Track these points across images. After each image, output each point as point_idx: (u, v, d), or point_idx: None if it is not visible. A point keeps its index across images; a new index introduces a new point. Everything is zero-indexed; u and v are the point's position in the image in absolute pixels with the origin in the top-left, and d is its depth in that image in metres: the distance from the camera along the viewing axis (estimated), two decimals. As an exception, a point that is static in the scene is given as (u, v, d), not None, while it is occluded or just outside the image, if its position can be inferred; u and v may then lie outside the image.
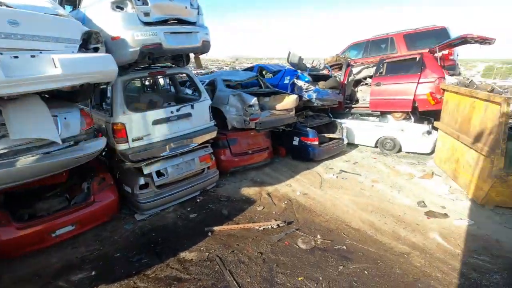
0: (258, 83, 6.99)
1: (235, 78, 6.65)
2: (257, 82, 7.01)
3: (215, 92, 6.10)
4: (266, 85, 6.82)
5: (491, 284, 3.22)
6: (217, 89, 6.12)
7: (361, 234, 4.15)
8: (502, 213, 4.66)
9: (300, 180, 5.97)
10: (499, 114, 4.39)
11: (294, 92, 6.70)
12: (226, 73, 8.71)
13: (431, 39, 7.78)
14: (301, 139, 6.70)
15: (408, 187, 5.66)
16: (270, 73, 7.70)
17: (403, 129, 7.19)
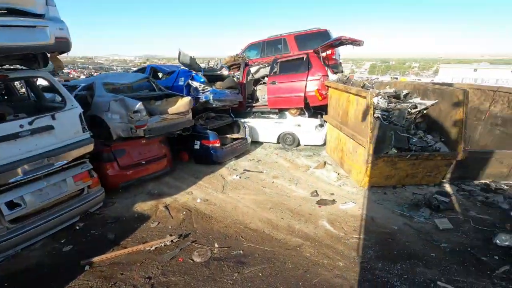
0: (150, 85, 6.39)
1: (120, 81, 5.89)
2: (149, 85, 6.39)
3: (93, 98, 5.25)
4: (158, 88, 6.28)
5: (366, 260, 3.58)
6: (95, 95, 5.27)
7: (259, 234, 4.13)
8: (376, 191, 5.36)
9: (202, 186, 5.70)
10: (366, 106, 5.00)
11: (190, 94, 6.37)
12: (110, 75, 7.73)
13: (317, 40, 8.53)
14: (202, 143, 6.43)
15: (304, 179, 6.03)
16: (164, 74, 7.18)
17: (300, 124, 7.70)
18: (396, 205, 4.90)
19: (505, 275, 3.29)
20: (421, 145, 5.18)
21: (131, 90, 6.26)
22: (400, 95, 6.07)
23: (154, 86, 6.32)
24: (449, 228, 4.21)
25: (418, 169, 5.27)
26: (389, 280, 3.25)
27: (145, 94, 5.82)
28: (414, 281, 3.23)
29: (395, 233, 4.13)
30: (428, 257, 3.63)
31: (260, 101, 8.39)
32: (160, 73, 7.64)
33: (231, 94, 7.09)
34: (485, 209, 4.75)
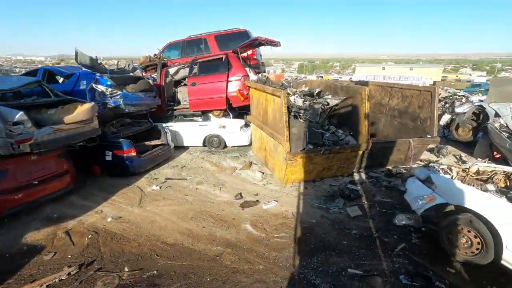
0: (42, 90, 5.42)
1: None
2: (41, 90, 5.42)
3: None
4: (54, 93, 5.37)
5: (285, 259, 3.60)
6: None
7: (177, 249, 3.82)
8: (298, 187, 5.54)
9: (115, 202, 5.08)
10: (281, 105, 5.10)
11: (95, 99, 5.62)
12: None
13: (238, 40, 8.49)
14: (114, 153, 5.76)
15: (229, 181, 5.90)
16: (62, 77, 6.20)
17: (225, 125, 7.55)
18: (315, 198, 5.13)
19: (402, 252, 3.68)
20: (333, 140, 5.54)
21: (18, 97, 5.23)
22: (313, 93, 6.41)
23: (48, 91, 5.38)
24: (359, 215, 4.56)
25: (333, 162, 5.62)
26: (305, 276, 3.31)
27: (32, 101, 4.88)
28: (328, 272, 3.36)
29: (313, 226, 4.29)
30: (341, 246, 3.84)
31: (182, 103, 7.97)
32: (59, 76, 6.58)
33: (147, 97, 6.53)
34: (388, 193, 5.32)
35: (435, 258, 3.54)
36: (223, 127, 7.54)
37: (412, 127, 6.58)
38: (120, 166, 5.80)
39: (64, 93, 5.55)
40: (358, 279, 3.25)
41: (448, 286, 3.12)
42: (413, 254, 3.62)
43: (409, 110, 6.67)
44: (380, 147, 6.06)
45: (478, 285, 3.13)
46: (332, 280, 3.23)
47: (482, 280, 3.19)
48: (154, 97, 6.86)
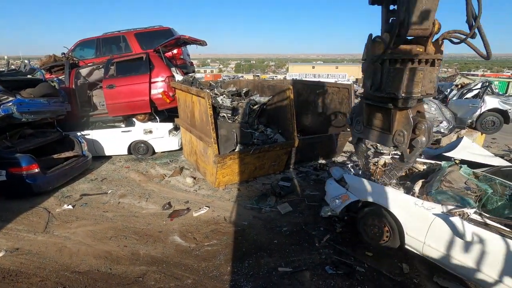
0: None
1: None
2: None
3: None
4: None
5: (215, 268, 3.43)
6: None
7: (91, 277, 3.32)
8: (230, 189, 5.43)
9: (11, 230, 4.22)
10: (207, 106, 4.89)
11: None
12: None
13: (161, 39, 7.96)
14: (9, 171, 4.80)
15: (157, 191, 5.47)
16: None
17: (151, 130, 7.01)
18: (248, 199, 5.08)
19: (328, 243, 3.85)
20: (262, 139, 5.56)
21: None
22: (241, 93, 6.36)
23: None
24: (289, 211, 4.65)
25: (264, 160, 5.66)
26: (236, 283, 3.20)
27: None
28: (259, 275, 3.30)
29: (245, 229, 4.22)
30: (272, 245, 3.84)
31: (99, 108, 7.12)
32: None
33: (51, 103, 5.60)
34: (316, 186, 5.58)
35: (356, 244, 3.79)
36: (150, 132, 6.98)
37: (335, 122, 7.05)
38: (20, 187, 4.87)
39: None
40: (288, 276, 3.27)
41: (367, 269, 3.36)
42: (337, 243, 3.82)
43: (331, 106, 7.14)
44: (307, 143, 6.33)
45: (391, 264, 3.44)
46: (262, 283, 3.18)
47: (394, 259, 3.52)
48: (61, 102, 5.93)
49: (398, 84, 2.79)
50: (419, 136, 3.02)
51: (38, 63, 7.18)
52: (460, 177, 3.49)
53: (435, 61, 2.75)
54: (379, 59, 2.88)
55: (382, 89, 2.95)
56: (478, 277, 2.73)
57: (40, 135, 5.86)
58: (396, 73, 2.80)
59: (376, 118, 3.40)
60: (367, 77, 3.18)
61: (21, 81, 5.45)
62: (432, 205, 3.09)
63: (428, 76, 2.77)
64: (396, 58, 2.76)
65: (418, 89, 2.74)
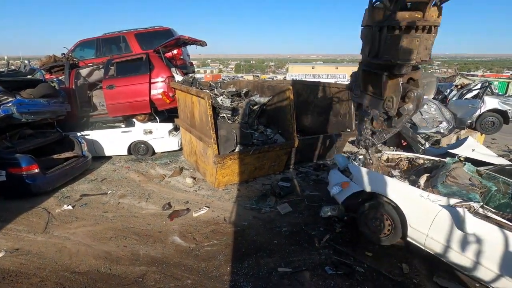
0: None
1: None
2: None
3: None
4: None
5: (215, 268, 3.43)
6: None
7: (90, 277, 3.32)
8: (230, 190, 5.43)
9: (11, 231, 4.22)
10: (206, 106, 4.90)
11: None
12: None
13: (161, 39, 7.96)
14: (9, 171, 4.80)
15: (157, 191, 5.47)
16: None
17: (151, 130, 7.01)
18: (247, 199, 5.08)
19: (327, 243, 3.85)
20: (262, 139, 5.57)
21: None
22: (241, 93, 6.37)
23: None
24: (289, 212, 4.65)
25: (264, 161, 5.66)
26: (236, 283, 3.20)
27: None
28: (259, 275, 3.30)
29: (245, 229, 4.22)
30: (272, 246, 3.84)
31: (99, 109, 7.13)
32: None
33: (51, 104, 5.60)
34: (316, 186, 5.58)
35: (355, 245, 3.79)
36: (150, 132, 6.98)
37: (334, 122, 7.06)
38: (19, 187, 4.87)
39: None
40: (288, 277, 3.27)
41: (366, 269, 3.36)
42: (337, 243, 3.82)
43: (331, 107, 7.14)
44: (307, 143, 6.33)
45: (391, 264, 3.44)
46: (262, 283, 3.18)
47: (394, 258, 3.52)
48: (61, 102, 5.94)
49: (394, 51, 2.81)
50: (407, 104, 3.04)
51: (38, 63, 7.19)
52: (464, 173, 3.50)
53: (432, 28, 2.72)
54: (378, 26, 2.87)
55: (380, 56, 2.97)
56: (480, 271, 2.74)
57: (40, 135, 5.86)
58: (393, 40, 2.80)
59: (371, 84, 3.43)
60: (365, 44, 3.18)
61: (21, 81, 5.46)
62: (438, 197, 3.09)
63: (424, 43, 2.76)
64: (394, 25, 2.73)
65: (413, 56, 2.76)
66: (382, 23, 2.82)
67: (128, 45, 8.11)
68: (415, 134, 7.05)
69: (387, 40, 2.83)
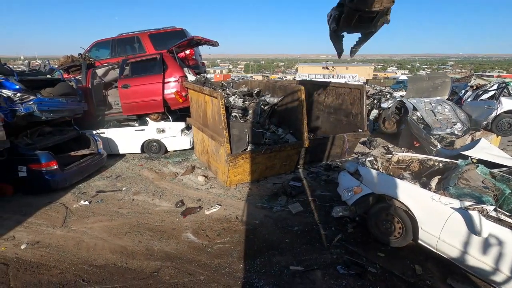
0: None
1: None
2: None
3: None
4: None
5: (228, 265, 3.49)
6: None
7: (107, 271, 3.43)
8: (242, 188, 5.49)
9: (32, 224, 4.39)
10: (219, 106, 4.97)
11: (0, 106, 4.77)
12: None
13: (174, 39, 8.09)
14: (30, 167, 4.99)
15: (170, 189, 5.58)
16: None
17: (164, 129, 7.14)
18: (259, 198, 5.12)
19: (339, 243, 3.85)
20: (273, 139, 5.60)
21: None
22: (253, 93, 6.42)
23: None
24: (300, 211, 4.68)
25: (275, 160, 5.69)
26: (248, 280, 3.25)
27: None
28: (271, 273, 3.34)
29: (257, 227, 4.26)
30: (283, 244, 3.87)
31: (114, 108, 7.31)
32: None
33: (69, 102, 5.78)
34: (327, 186, 5.58)
35: (367, 245, 3.79)
36: (163, 131, 7.12)
37: (346, 122, 7.03)
38: (39, 182, 5.05)
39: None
40: (300, 275, 3.30)
41: (379, 269, 3.36)
42: (349, 243, 3.82)
43: (342, 107, 7.12)
44: (318, 143, 6.34)
45: (404, 265, 3.43)
46: (274, 281, 3.22)
47: (406, 260, 3.50)
48: (79, 101, 6.12)
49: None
50: None
51: (57, 63, 7.42)
52: (477, 175, 3.46)
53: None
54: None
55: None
56: (494, 275, 2.70)
57: (58, 133, 6.06)
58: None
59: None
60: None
61: (41, 80, 5.66)
62: (449, 200, 3.07)
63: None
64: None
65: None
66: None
67: (142, 46, 8.28)
68: (428, 135, 6.95)
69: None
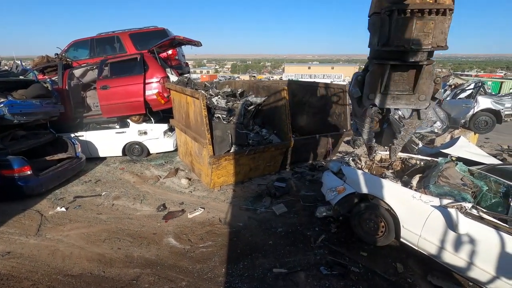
0: None
1: None
2: None
3: None
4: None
5: (210, 269, 3.41)
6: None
7: (83, 280, 3.29)
8: (226, 190, 5.41)
9: (3, 234, 4.16)
10: (201, 107, 4.87)
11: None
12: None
13: (156, 39, 7.90)
14: (1, 173, 4.74)
15: (152, 192, 5.43)
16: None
17: (146, 131, 6.96)
18: (243, 200, 5.06)
19: (322, 243, 3.85)
20: (257, 139, 5.56)
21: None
22: (236, 94, 6.35)
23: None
24: (284, 212, 4.65)
25: (259, 161, 5.65)
26: (231, 284, 3.18)
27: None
28: (254, 276, 3.29)
29: (240, 230, 4.20)
30: (267, 246, 3.83)
31: (93, 109, 7.07)
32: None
33: (44, 104, 5.53)
34: (311, 186, 5.58)
35: (350, 245, 3.80)
36: (144, 133, 6.94)
37: (330, 122, 7.07)
38: (11, 189, 4.80)
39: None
40: (283, 277, 3.27)
41: (361, 269, 3.37)
42: (332, 243, 3.82)
43: (326, 107, 7.15)
44: (302, 143, 6.33)
45: (386, 264, 3.45)
46: (257, 284, 3.17)
47: (389, 258, 3.53)
48: (54, 103, 5.87)
49: (407, 34, 2.53)
50: (436, 87, 2.88)
51: (31, 63, 7.10)
52: (456, 173, 3.52)
53: (447, 11, 2.47)
54: (388, 10, 2.59)
55: (390, 42, 2.65)
56: (472, 271, 2.75)
57: (33, 136, 5.79)
58: (405, 23, 2.52)
59: (389, 81, 3.00)
60: (373, 33, 2.88)
61: (13, 82, 5.38)
62: (430, 198, 3.11)
63: (439, 26, 2.49)
64: (405, 8, 2.47)
65: (428, 40, 2.50)
66: (392, 7, 2.53)
67: (122, 45, 8.05)
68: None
69: (398, 23, 2.53)
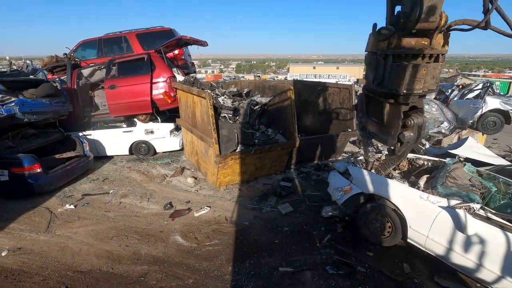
0: None
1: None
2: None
3: None
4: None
5: (217, 267, 3.44)
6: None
7: (93, 276, 3.34)
8: (231, 189, 5.44)
9: (14, 230, 4.25)
10: (208, 106, 4.91)
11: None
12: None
13: (162, 39, 7.97)
14: (12, 171, 4.83)
15: (158, 191, 5.49)
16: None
17: (152, 130, 7.03)
18: (248, 199, 5.09)
19: (328, 243, 3.85)
20: (263, 139, 5.58)
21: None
22: (242, 93, 6.38)
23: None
24: (290, 211, 4.66)
25: (265, 161, 5.67)
26: (237, 282, 3.21)
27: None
28: (260, 275, 3.31)
29: (246, 229, 4.23)
30: (273, 245, 3.85)
31: (100, 109, 7.16)
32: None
33: (53, 104, 5.63)
34: (317, 186, 5.58)
35: (356, 244, 3.80)
36: (151, 132, 7.01)
37: (336, 122, 7.06)
38: (21, 187, 4.90)
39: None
40: (289, 276, 3.28)
41: (368, 269, 3.37)
42: (338, 243, 3.83)
43: (332, 107, 7.14)
44: (308, 143, 6.33)
45: (392, 264, 3.44)
46: (263, 283, 3.19)
47: (395, 258, 3.52)
48: (63, 102, 5.97)
49: (400, 80, 2.69)
50: (407, 131, 3.03)
51: (40, 63, 7.21)
52: (464, 174, 3.50)
53: (440, 56, 2.64)
54: (383, 54, 2.75)
55: (385, 84, 2.86)
56: (481, 273, 2.73)
57: (42, 135, 5.89)
58: (399, 69, 2.69)
59: (373, 109, 3.37)
60: (369, 70, 3.06)
61: (23, 81, 5.48)
62: (437, 199, 3.10)
63: (431, 72, 2.66)
64: (400, 53, 2.64)
65: (420, 85, 2.65)
66: (387, 51, 2.70)
67: (129, 45, 8.13)
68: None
69: (392, 68, 2.72)
